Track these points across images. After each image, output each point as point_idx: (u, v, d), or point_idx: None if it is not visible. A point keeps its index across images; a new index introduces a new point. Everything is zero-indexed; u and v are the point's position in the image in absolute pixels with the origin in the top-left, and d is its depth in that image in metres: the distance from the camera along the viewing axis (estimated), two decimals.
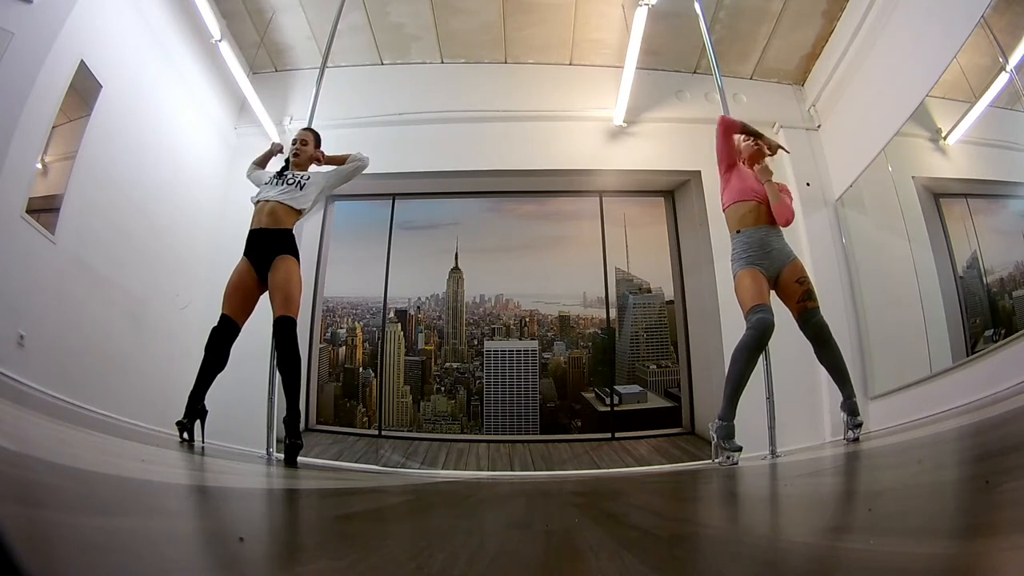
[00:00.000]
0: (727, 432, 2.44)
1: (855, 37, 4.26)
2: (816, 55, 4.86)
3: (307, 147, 2.99)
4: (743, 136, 2.82)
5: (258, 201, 2.79)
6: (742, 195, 2.67)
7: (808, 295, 2.52)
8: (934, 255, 3.48)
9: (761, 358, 2.59)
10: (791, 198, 2.73)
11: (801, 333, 2.55)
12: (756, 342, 2.39)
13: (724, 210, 2.77)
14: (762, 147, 2.81)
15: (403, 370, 4.89)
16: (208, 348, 2.52)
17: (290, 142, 3.02)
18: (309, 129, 3.09)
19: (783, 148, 2.95)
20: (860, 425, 2.51)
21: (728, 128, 2.79)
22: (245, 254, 2.68)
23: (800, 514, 1.12)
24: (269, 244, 2.65)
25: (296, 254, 2.70)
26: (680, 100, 5.09)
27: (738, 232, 2.66)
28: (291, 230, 2.73)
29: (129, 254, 3.69)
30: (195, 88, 4.50)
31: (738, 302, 2.55)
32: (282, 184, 2.80)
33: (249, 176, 3.09)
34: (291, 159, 2.95)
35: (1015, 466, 0.98)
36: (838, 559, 0.62)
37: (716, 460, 2.52)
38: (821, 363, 2.56)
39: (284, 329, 2.50)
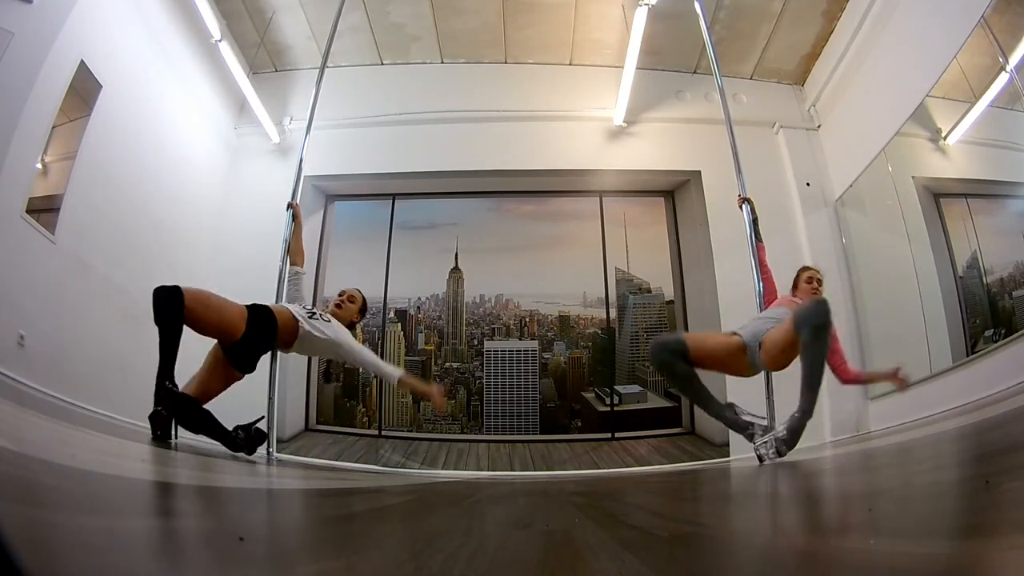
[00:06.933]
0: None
1: (855, 37, 4.26)
2: (816, 55, 4.86)
3: (354, 305, 2.74)
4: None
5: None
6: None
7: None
8: (934, 255, 3.48)
9: None
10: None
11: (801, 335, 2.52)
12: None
13: None
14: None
15: (403, 370, 4.88)
16: (157, 312, 2.07)
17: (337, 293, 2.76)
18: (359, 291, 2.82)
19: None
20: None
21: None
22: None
23: (800, 514, 1.13)
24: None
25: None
26: (680, 100, 5.09)
27: None
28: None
29: (129, 254, 3.69)
30: (195, 88, 4.50)
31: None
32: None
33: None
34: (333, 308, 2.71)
35: (1015, 466, 0.98)
36: (838, 559, 0.62)
37: (765, 452, 2.34)
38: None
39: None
